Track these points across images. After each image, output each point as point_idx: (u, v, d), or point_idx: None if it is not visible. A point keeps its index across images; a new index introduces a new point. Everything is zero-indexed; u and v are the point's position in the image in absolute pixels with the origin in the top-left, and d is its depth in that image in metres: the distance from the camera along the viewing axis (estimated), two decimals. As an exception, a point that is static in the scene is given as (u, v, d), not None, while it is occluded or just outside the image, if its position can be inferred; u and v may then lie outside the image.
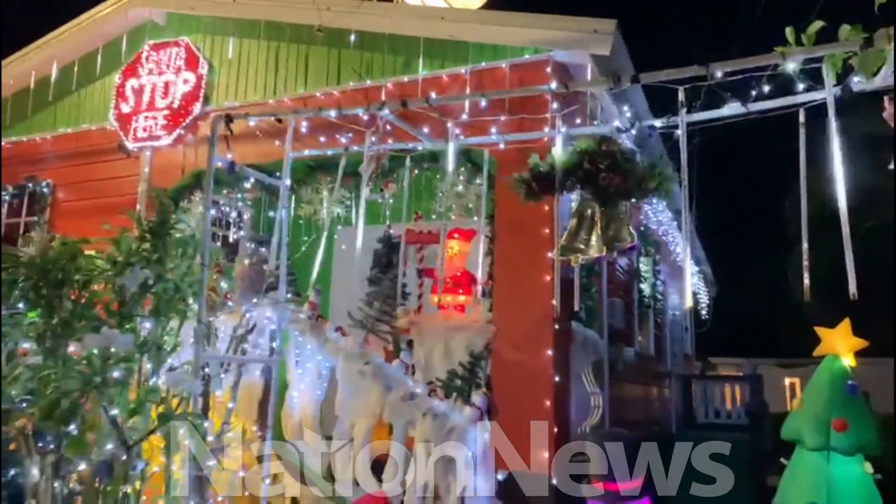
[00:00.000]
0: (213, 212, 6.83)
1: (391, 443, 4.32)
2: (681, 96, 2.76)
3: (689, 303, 3.68)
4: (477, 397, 4.38)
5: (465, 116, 4.90)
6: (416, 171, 6.04)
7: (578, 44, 5.22)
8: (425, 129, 5.43)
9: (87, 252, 2.78)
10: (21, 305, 2.72)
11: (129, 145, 7.18)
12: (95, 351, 2.14)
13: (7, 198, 7.83)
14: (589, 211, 2.60)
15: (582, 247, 2.65)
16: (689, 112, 2.81)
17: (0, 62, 7.82)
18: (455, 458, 3.96)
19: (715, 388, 13.02)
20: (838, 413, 4.25)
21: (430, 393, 4.47)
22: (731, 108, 2.48)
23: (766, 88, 2.33)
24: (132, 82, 7.34)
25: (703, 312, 15.08)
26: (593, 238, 2.60)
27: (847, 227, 2.54)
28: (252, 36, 6.84)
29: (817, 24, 2.01)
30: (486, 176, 5.36)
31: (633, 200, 2.82)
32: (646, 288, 8.88)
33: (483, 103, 3.50)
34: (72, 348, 2.46)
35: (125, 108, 7.30)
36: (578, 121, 5.31)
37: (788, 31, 2.08)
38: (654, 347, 9.80)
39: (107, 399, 2.15)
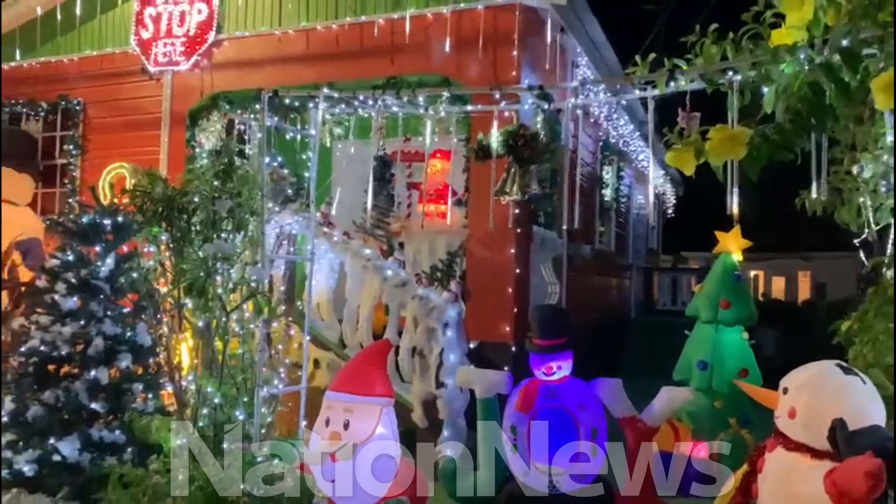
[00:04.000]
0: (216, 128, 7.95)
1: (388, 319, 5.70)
2: (570, 98, 3.98)
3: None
4: (453, 285, 5.69)
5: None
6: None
7: (542, -6, 6.20)
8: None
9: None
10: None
11: (151, 69, 8.12)
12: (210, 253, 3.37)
13: (42, 114, 8.81)
14: (512, 169, 3.80)
15: (507, 191, 3.90)
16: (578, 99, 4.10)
17: None
18: (436, 328, 5.32)
19: (675, 278, 14.57)
20: (725, 295, 5.60)
21: (417, 282, 5.79)
22: (605, 98, 3.65)
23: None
24: (150, 10, 8.15)
25: (669, 211, 16.41)
26: (514, 187, 3.83)
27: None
28: (259, -29, 7.66)
29: (651, 56, 3.12)
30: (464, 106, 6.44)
31: (536, 165, 4.04)
32: (608, 193, 10.12)
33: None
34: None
35: (145, 35, 8.16)
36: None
37: (638, 59, 3.18)
38: (615, 244, 11.15)
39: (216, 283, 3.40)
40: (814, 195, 3.30)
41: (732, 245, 5.64)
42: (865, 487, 2.33)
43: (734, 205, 3.13)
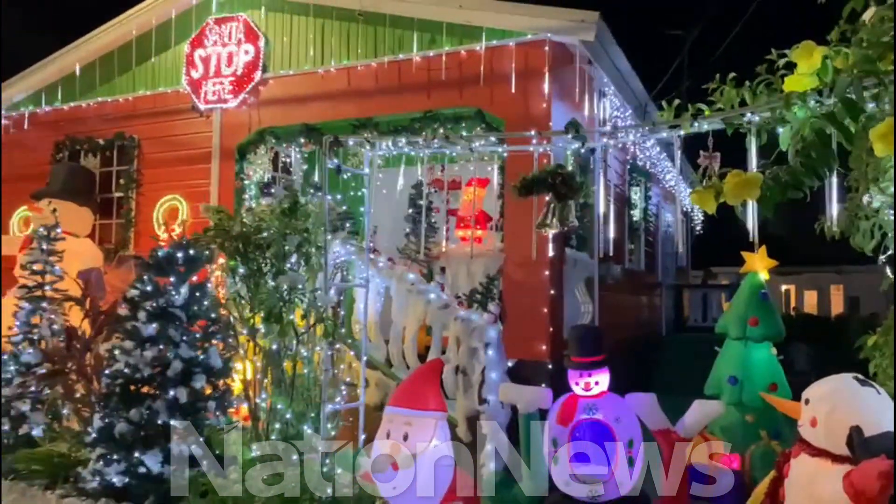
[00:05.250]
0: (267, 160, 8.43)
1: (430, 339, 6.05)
2: (597, 144, 4.37)
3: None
4: (492, 306, 6.02)
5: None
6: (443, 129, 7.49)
7: (569, 31, 6.58)
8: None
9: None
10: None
11: (201, 107, 8.65)
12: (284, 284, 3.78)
13: (100, 150, 9.41)
14: (552, 204, 4.17)
15: (548, 223, 4.26)
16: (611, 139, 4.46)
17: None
18: (477, 348, 5.66)
19: (704, 295, 14.67)
20: (753, 313, 5.85)
21: (458, 304, 6.14)
22: (635, 136, 4.00)
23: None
24: (200, 52, 8.72)
25: (697, 228, 16.56)
26: (554, 220, 4.19)
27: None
28: (302, 14, 8.14)
29: (676, 102, 3.46)
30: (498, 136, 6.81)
31: (573, 200, 4.39)
32: (636, 214, 10.39)
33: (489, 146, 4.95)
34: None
35: (195, 75, 8.71)
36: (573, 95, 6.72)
37: (664, 104, 3.51)
38: (644, 263, 11.40)
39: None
40: (828, 223, 3.58)
41: (759, 265, 5.89)
42: (879, 487, 2.62)
43: (755, 233, 3.42)
